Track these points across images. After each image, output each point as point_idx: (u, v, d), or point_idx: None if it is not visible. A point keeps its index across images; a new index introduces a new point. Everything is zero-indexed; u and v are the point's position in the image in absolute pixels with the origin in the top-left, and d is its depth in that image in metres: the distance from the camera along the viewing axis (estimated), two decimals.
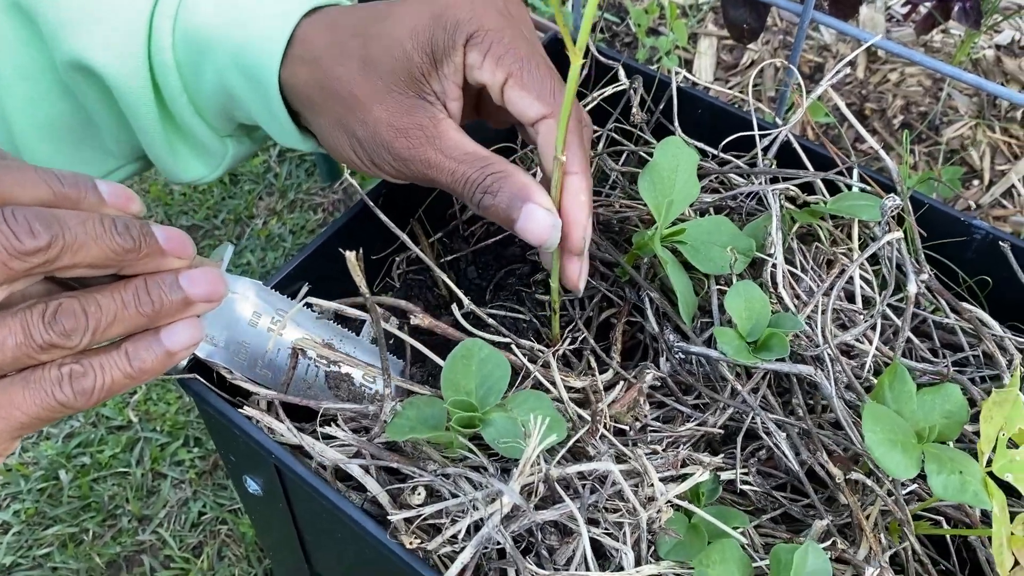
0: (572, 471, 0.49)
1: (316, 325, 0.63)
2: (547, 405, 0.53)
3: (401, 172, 0.58)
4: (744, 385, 0.58)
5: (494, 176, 0.56)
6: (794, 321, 0.58)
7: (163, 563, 1.15)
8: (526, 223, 0.55)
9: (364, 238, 0.69)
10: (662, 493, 0.51)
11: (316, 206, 1.51)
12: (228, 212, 1.49)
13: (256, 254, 1.44)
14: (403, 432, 0.52)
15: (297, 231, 1.47)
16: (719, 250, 0.62)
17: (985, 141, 1.21)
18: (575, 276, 0.58)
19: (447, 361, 0.53)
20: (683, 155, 0.63)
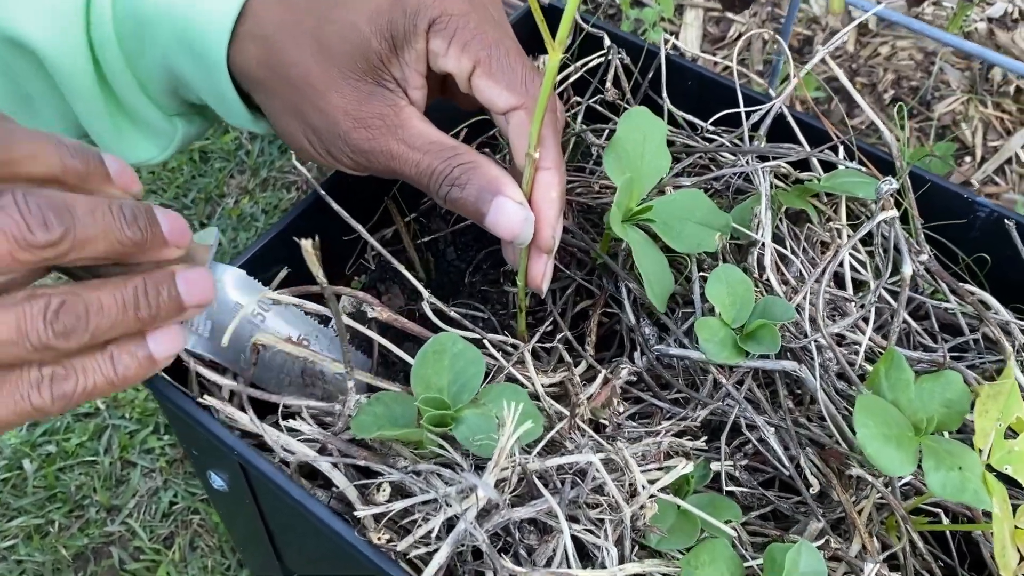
0: (551, 464, 0.45)
1: (297, 317, 0.60)
2: (523, 399, 0.49)
3: (361, 164, 0.55)
4: (728, 378, 0.54)
5: (462, 167, 0.52)
6: (785, 308, 0.55)
7: (133, 555, 1.11)
8: (496, 217, 0.51)
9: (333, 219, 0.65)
10: (645, 486, 0.48)
11: (289, 184, 1.46)
12: (198, 191, 1.45)
13: (227, 234, 1.39)
14: (369, 429, 0.49)
15: (270, 211, 1.43)
16: (694, 226, 0.58)
17: (977, 116, 1.19)
18: (539, 276, 0.55)
19: (418, 356, 0.50)
20: (650, 127, 0.59)
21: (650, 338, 0.57)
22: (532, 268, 0.56)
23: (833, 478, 0.52)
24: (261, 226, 1.40)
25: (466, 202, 0.52)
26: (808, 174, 0.65)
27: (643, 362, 0.58)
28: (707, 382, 0.56)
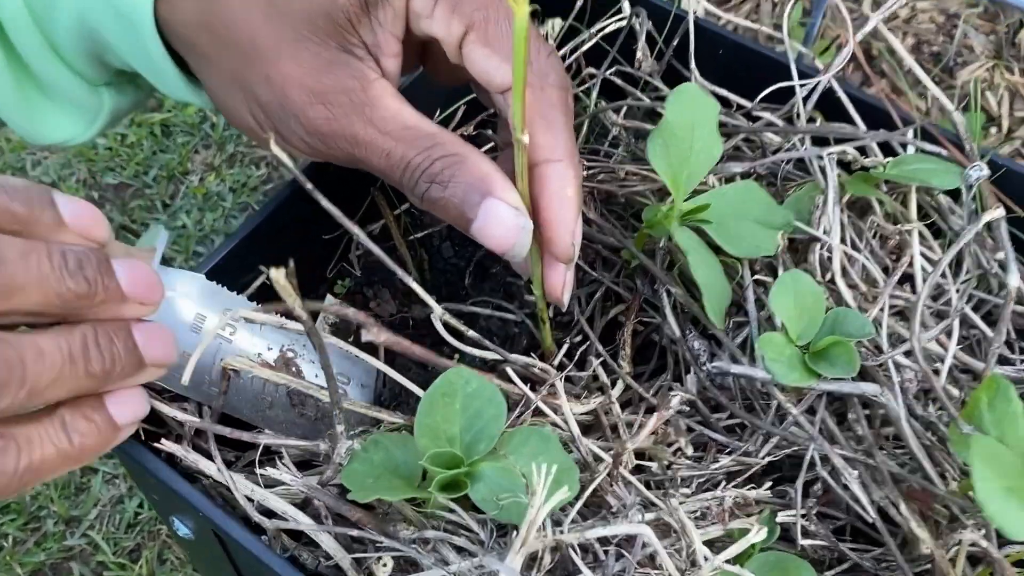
0: (592, 536, 0.36)
1: (275, 328, 0.50)
2: (554, 448, 0.41)
3: (317, 150, 0.45)
4: (796, 405, 0.46)
5: (445, 161, 0.43)
6: (860, 322, 0.46)
7: (95, 570, 1.02)
8: (486, 224, 0.42)
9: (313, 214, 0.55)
10: (708, 557, 0.39)
11: (258, 160, 1.35)
12: (160, 168, 1.34)
13: (192, 215, 1.29)
14: (363, 485, 0.40)
15: (238, 189, 1.32)
16: (751, 226, 0.50)
17: (1003, 84, 1.10)
18: (559, 286, 0.46)
19: (423, 401, 0.41)
20: (701, 108, 0.50)
21: (700, 354, 0.48)
22: (550, 278, 0.47)
23: (919, 524, 0.44)
24: (228, 206, 1.30)
25: (448, 204, 0.43)
26: (869, 160, 0.56)
27: (694, 384, 0.49)
28: (769, 408, 0.47)
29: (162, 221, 1.28)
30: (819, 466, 0.45)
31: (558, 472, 0.38)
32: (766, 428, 0.46)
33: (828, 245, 0.50)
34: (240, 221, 1.29)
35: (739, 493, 0.42)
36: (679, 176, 0.49)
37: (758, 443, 0.47)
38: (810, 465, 0.46)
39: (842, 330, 0.47)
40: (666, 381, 0.50)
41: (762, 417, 0.47)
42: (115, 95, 0.54)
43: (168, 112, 1.37)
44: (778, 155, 0.54)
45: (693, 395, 0.48)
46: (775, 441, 0.46)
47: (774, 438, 0.46)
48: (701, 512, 0.42)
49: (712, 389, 0.49)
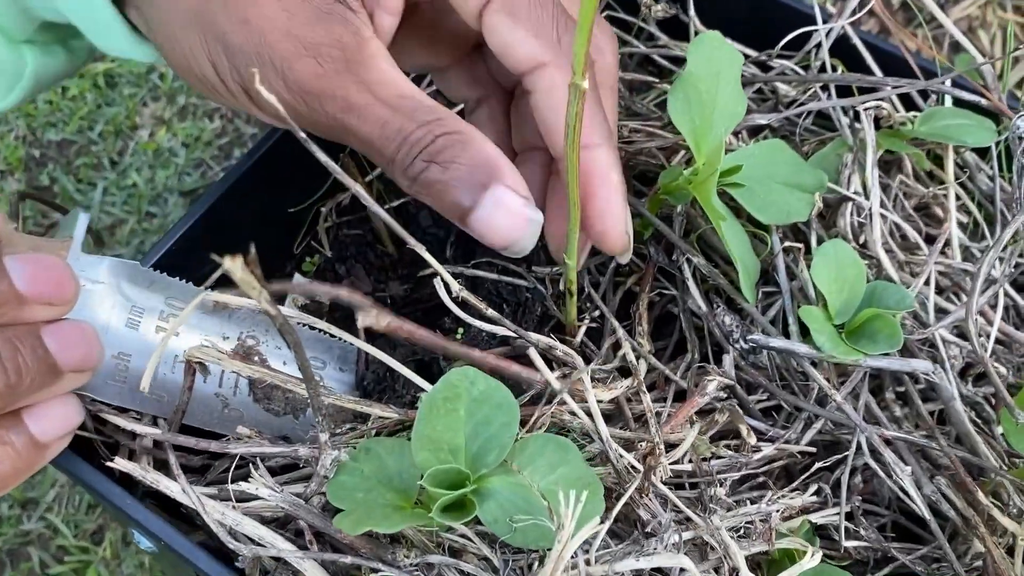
0: (625, 568, 0.32)
1: (229, 315, 0.44)
2: (574, 459, 0.36)
3: (296, 112, 0.39)
4: (837, 388, 0.41)
5: (448, 139, 0.37)
6: (899, 295, 0.42)
7: (56, 555, 0.97)
8: (490, 215, 0.38)
9: (276, 186, 0.49)
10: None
11: (212, 112, 1.27)
12: (106, 123, 1.25)
13: (143, 173, 1.21)
14: (352, 501, 0.35)
15: (191, 143, 1.24)
16: (780, 189, 0.46)
17: (996, 22, 1.05)
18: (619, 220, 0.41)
19: (421, 407, 0.35)
20: (725, 59, 0.45)
21: (733, 330, 0.44)
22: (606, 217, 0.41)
23: (975, 517, 0.40)
24: (182, 162, 1.22)
25: (446, 189, 0.38)
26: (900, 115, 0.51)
27: (731, 365, 0.44)
28: (809, 390, 0.43)
29: (111, 180, 1.20)
30: (865, 454, 0.41)
31: (580, 487, 0.33)
32: (812, 410, 0.42)
33: (861, 208, 0.45)
34: (195, 178, 1.22)
35: (786, 504, 0.38)
36: (702, 135, 0.44)
37: (799, 429, 0.43)
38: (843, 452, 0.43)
39: (881, 303, 0.43)
40: (694, 361, 0.45)
41: (803, 399, 0.43)
42: (40, 56, 0.47)
43: (112, 62, 1.28)
44: (801, 107, 0.48)
45: (732, 379, 0.43)
46: (818, 426, 0.42)
47: (816, 424, 0.42)
48: (743, 529, 0.38)
49: (747, 369, 0.45)
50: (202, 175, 1.21)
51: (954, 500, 0.40)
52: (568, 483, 0.35)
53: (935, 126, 0.48)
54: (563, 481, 0.35)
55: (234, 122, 1.24)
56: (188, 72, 0.41)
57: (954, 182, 0.50)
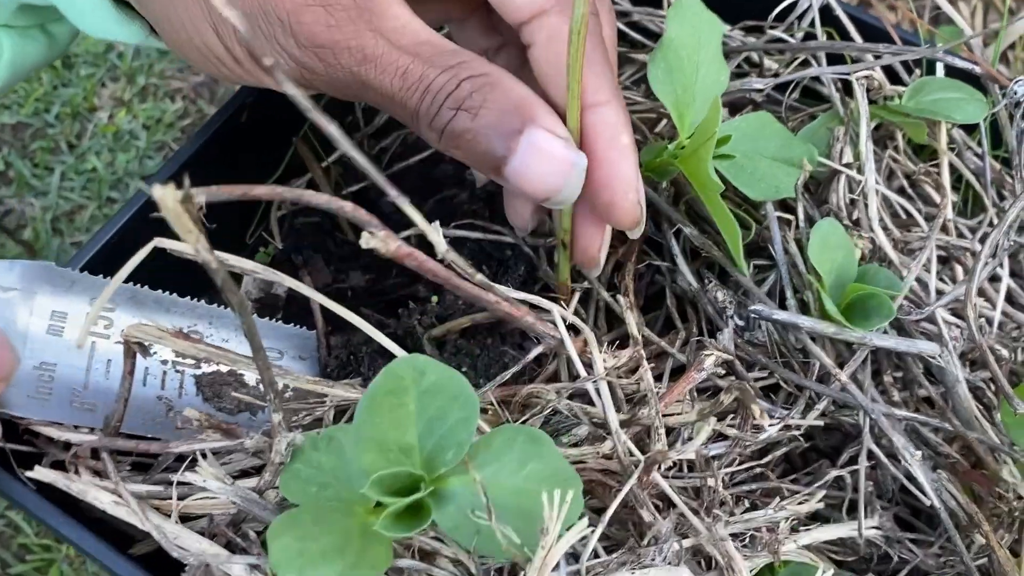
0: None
1: (166, 309, 0.41)
2: (548, 452, 0.33)
3: (311, 71, 0.36)
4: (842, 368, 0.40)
5: (474, 82, 0.35)
6: (889, 279, 0.40)
7: (17, 554, 0.94)
8: (527, 163, 0.34)
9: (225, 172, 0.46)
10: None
11: (174, 92, 1.23)
12: (63, 104, 1.21)
13: (103, 156, 1.17)
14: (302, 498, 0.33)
15: (152, 125, 1.20)
16: (768, 164, 0.44)
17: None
18: (596, 247, 0.40)
19: (360, 404, 0.32)
20: (705, 26, 0.43)
21: (726, 306, 0.41)
22: (587, 236, 0.40)
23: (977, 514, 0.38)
24: (143, 145, 1.18)
25: (479, 137, 0.35)
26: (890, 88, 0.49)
27: (730, 339, 0.42)
28: (810, 368, 0.41)
29: (69, 164, 1.16)
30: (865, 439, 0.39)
31: (554, 485, 0.30)
32: (815, 388, 0.40)
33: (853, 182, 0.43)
34: (157, 162, 1.18)
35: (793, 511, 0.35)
36: (685, 106, 0.42)
37: (800, 409, 0.41)
38: (849, 436, 0.41)
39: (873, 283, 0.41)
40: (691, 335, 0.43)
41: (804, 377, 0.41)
42: (17, 42, 0.44)
43: None
44: (790, 77, 0.46)
45: (732, 354, 0.41)
46: (821, 407, 0.40)
47: (819, 405, 0.40)
48: (750, 535, 0.35)
49: (743, 346, 0.43)
50: (164, 158, 1.17)
51: (956, 495, 0.38)
52: (540, 480, 0.32)
53: (924, 100, 0.45)
54: (534, 478, 0.32)
55: (197, 103, 1.20)
56: (188, 44, 0.38)
57: (949, 154, 0.47)
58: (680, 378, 0.38)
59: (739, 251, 0.41)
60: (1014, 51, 1.04)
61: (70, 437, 0.37)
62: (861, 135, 0.43)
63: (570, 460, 0.35)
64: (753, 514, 0.36)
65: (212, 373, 0.42)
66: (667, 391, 0.39)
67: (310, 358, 0.47)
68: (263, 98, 0.46)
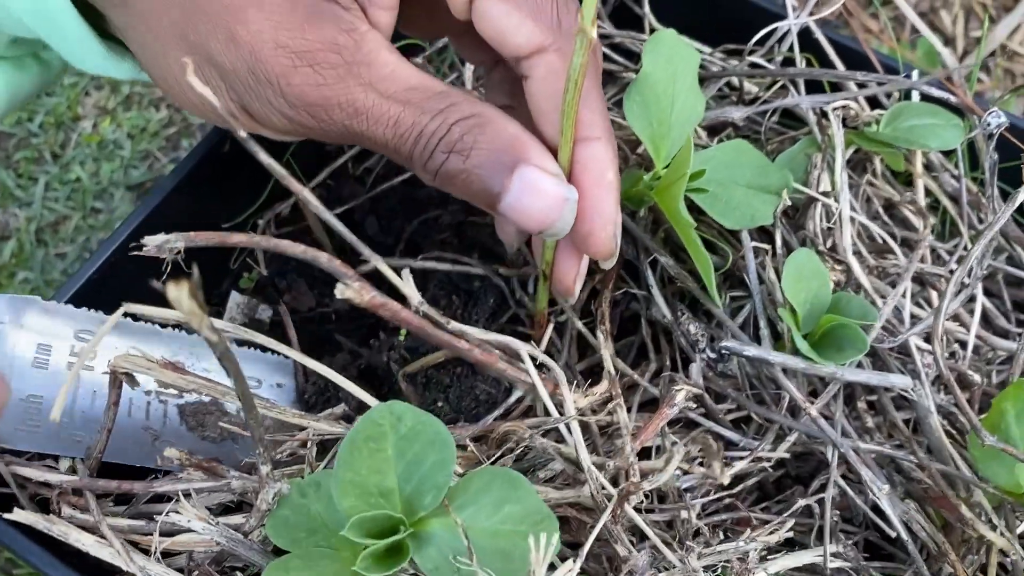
0: None
1: (148, 339, 0.41)
2: (524, 494, 0.34)
3: (303, 126, 0.37)
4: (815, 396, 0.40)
5: (464, 124, 0.35)
6: (863, 308, 0.40)
7: (5, 568, 0.93)
8: (522, 199, 0.35)
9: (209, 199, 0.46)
10: None
11: (158, 101, 1.23)
12: (46, 114, 1.21)
13: (87, 166, 1.17)
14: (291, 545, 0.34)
15: (137, 134, 1.20)
16: (743, 192, 0.44)
17: (958, 2, 1.04)
18: (572, 276, 0.41)
19: (340, 450, 0.33)
20: (681, 58, 0.43)
21: (698, 339, 0.42)
22: (564, 266, 0.41)
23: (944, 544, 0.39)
24: (127, 155, 1.17)
25: (471, 177, 0.36)
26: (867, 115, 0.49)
27: (699, 373, 0.42)
28: (781, 400, 0.42)
29: (53, 174, 1.15)
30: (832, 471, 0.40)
31: (533, 526, 0.32)
32: (784, 422, 0.40)
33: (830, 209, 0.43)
34: (142, 172, 1.18)
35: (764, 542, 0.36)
36: (661, 139, 0.42)
37: (770, 441, 0.41)
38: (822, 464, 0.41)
39: (844, 316, 0.42)
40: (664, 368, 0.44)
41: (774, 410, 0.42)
42: (12, 72, 0.44)
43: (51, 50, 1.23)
44: (767, 104, 0.46)
45: (701, 388, 0.41)
46: (792, 439, 0.41)
47: (790, 437, 0.41)
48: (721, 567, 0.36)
49: (716, 378, 0.43)
50: (149, 167, 1.17)
51: (924, 525, 0.39)
52: (518, 521, 0.33)
53: (900, 127, 0.46)
54: (511, 520, 0.33)
55: (181, 112, 1.20)
56: (183, 97, 0.39)
57: (926, 178, 0.48)
58: (653, 415, 0.39)
59: (712, 284, 0.41)
60: (994, 58, 1.05)
61: (49, 478, 0.37)
62: (836, 164, 0.44)
63: (549, 500, 0.36)
64: (725, 546, 0.37)
65: (195, 403, 0.42)
66: (641, 429, 0.39)
67: (287, 385, 0.48)
68: None
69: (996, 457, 0.38)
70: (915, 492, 0.40)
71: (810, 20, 0.51)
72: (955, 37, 1.03)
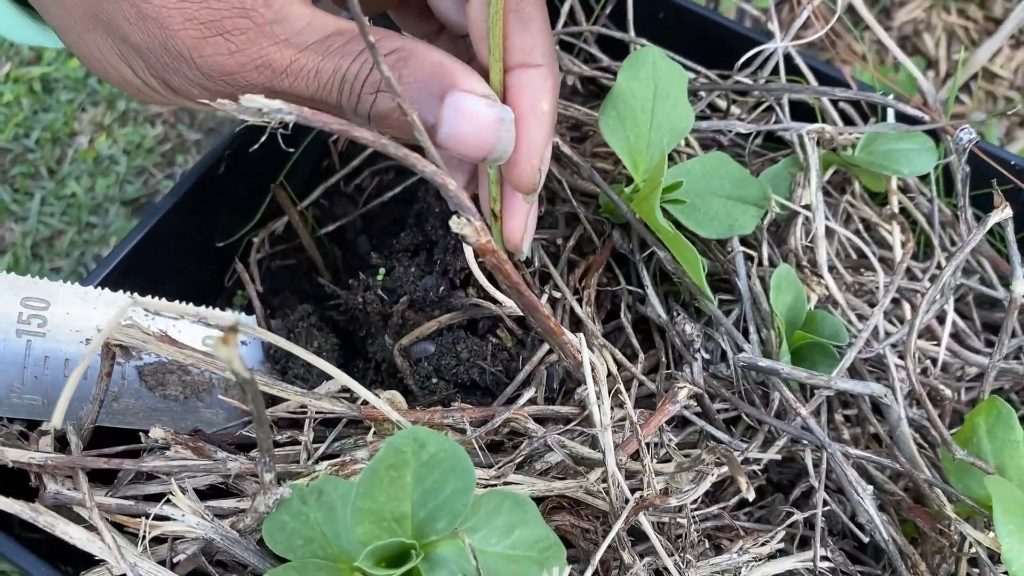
0: None
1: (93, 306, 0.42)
2: (531, 518, 0.34)
3: (223, 95, 0.36)
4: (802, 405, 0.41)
5: (387, 60, 0.35)
6: (835, 328, 0.42)
7: None
8: (456, 124, 0.34)
9: (204, 219, 0.47)
10: None
11: (153, 117, 1.24)
12: (43, 129, 1.21)
13: (83, 182, 1.18)
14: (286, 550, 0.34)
15: (132, 150, 1.21)
16: (723, 203, 0.45)
17: (940, 25, 1.06)
18: (519, 231, 0.40)
19: (363, 477, 0.33)
20: (664, 75, 0.44)
21: (694, 339, 0.43)
22: (510, 219, 0.40)
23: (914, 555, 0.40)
24: (123, 170, 1.18)
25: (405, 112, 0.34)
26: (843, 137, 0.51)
27: (700, 374, 0.43)
28: (770, 402, 0.43)
29: (49, 189, 1.16)
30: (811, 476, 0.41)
31: (541, 552, 0.32)
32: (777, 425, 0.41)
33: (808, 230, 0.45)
34: (136, 187, 1.19)
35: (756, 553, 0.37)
36: (638, 153, 0.43)
37: (759, 443, 0.42)
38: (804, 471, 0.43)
39: (818, 333, 0.43)
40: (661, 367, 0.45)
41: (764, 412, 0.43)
42: None
43: (48, 66, 1.24)
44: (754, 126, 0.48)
45: (702, 388, 0.42)
46: (781, 443, 0.42)
47: (779, 441, 0.42)
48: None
49: (709, 379, 0.44)
50: (144, 183, 1.17)
51: (895, 536, 0.40)
52: (527, 547, 0.33)
53: (876, 151, 0.47)
54: (521, 545, 0.33)
55: (176, 128, 1.21)
56: (107, 76, 0.38)
57: (900, 196, 0.50)
58: (656, 410, 0.39)
59: (700, 276, 0.42)
60: (976, 82, 1.07)
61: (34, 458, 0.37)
62: (812, 186, 0.45)
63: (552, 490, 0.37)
64: (719, 558, 0.38)
65: (155, 363, 0.42)
66: (645, 423, 0.40)
67: (252, 341, 0.47)
68: (242, 148, 0.47)
69: (967, 470, 0.39)
70: (887, 504, 0.42)
71: (791, 46, 0.53)
72: (938, 60, 1.05)
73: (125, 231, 1.14)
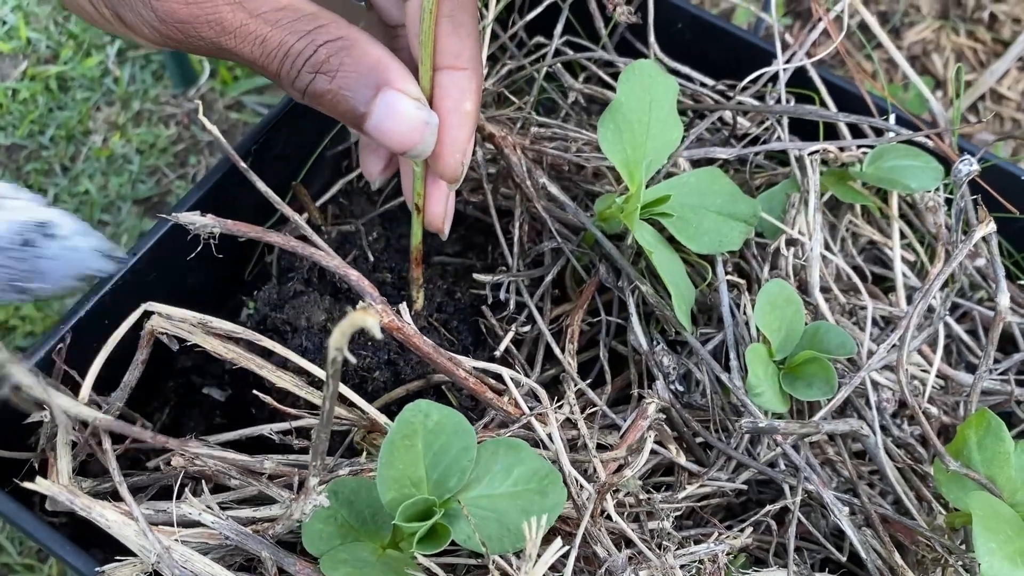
0: None
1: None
2: (527, 455, 0.37)
3: (171, 39, 0.39)
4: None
5: (331, 46, 0.37)
6: (841, 339, 0.42)
7: (0, 573, 0.94)
8: (384, 122, 0.37)
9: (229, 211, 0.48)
10: None
11: (167, 118, 1.25)
12: (58, 127, 1.23)
13: (96, 180, 1.19)
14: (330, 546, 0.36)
15: (146, 150, 1.22)
16: (713, 218, 0.46)
17: (949, 46, 1.07)
18: (440, 215, 0.43)
19: (383, 449, 0.36)
20: (658, 87, 0.45)
21: (669, 371, 0.44)
22: (432, 204, 0.43)
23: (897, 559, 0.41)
24: (136, 169, 1.20)
25: (337, 98, 0.37)
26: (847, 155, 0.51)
27: (665, 390, 0.44)
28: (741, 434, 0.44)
29: (62, 187, 1.17)
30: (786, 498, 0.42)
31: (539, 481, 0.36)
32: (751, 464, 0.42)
33: (804, 247, 0.45)
34: (149, 186, 1.20)
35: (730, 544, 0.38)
36: (635, 164, 0.44)
37: (735, 471, 0.43)
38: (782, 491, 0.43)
39: (821, 346, 0.43)
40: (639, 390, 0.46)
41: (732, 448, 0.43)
42: None
43: (64, 65, 1.26)
44: (755, 147, 0.49)
45: (667, 402, 0.43)
46: (747, 476, 0.43)
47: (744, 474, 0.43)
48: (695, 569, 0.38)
49: (682, 411, 0.45)
50: (157, 183, 1.19)
51: (879, 550, 0.41)
52: (526, 481, 0.37)
53: (882, 167, 0.48)
54: (521, 480, 0.36)
55: (190, 128, 1.22)
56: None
57: (897, 230, 0.50)
58: (628, 427, 0.41)
59: (683, 307, 0.43)
60: (984, 103, 1.08)
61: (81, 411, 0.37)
62: (810, 207, 0.46)
63: None
64: (697, 547, 0.39)
65: None
66: (619, 442, 0.41)
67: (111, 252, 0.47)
68: (264, 147, 0.48)
69: (959, 481, 0.40)
70: (872, 519, 0.42)
71: (807, 63, 0.54)
72: (946, 81, 1.06)
73: (137, 229, 1.15)
